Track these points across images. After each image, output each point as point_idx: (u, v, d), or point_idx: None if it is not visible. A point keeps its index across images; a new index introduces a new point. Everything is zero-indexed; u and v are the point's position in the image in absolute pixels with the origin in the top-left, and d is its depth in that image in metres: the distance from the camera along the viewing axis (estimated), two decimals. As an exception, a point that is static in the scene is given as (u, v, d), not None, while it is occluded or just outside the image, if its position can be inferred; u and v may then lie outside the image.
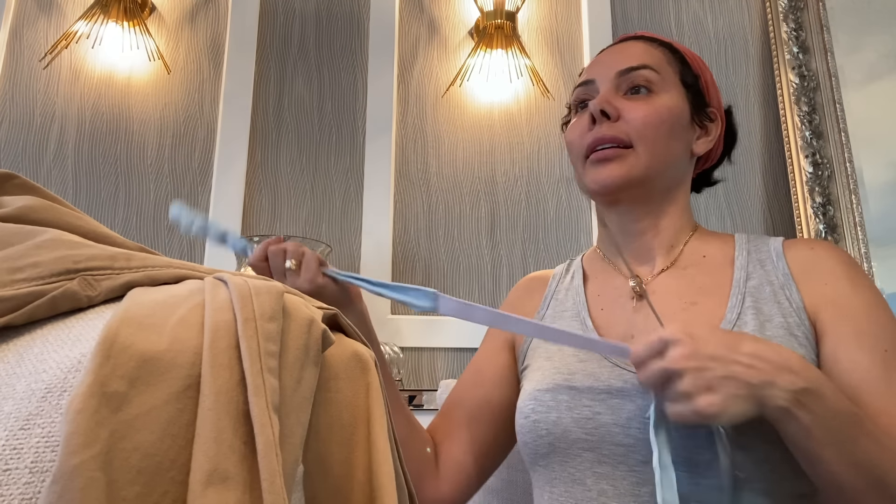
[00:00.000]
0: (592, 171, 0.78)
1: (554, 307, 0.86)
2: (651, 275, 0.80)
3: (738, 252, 0.78)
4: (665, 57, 0.81)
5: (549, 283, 0.90)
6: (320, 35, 1.81)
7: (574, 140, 0.80)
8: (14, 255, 0.37)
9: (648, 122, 0.76)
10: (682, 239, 0.81)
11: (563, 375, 0.75)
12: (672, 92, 0.79)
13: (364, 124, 1.75)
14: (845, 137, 1.65)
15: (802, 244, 0.77)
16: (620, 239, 0.83)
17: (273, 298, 0.34)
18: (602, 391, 0.71)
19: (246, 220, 1.68)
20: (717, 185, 0.91)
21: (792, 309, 0.71)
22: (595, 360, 0.74)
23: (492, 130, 1.77)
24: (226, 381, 0.30)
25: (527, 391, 0.78)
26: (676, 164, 0.80)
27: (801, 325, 0.70)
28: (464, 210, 1.72)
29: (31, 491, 0.27)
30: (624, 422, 0.68)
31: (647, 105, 0.77)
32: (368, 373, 0.37)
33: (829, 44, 1.73)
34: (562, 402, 0.72)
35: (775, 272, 0.74)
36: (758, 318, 0.70)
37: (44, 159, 1.67)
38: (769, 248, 0.78)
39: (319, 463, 0.34)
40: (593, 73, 0.82)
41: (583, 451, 0.70)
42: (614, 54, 0.82)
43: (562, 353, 0.78)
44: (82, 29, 1.67)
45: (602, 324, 0.79)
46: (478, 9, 1.77)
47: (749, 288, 0.74)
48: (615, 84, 0.79)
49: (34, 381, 0.31)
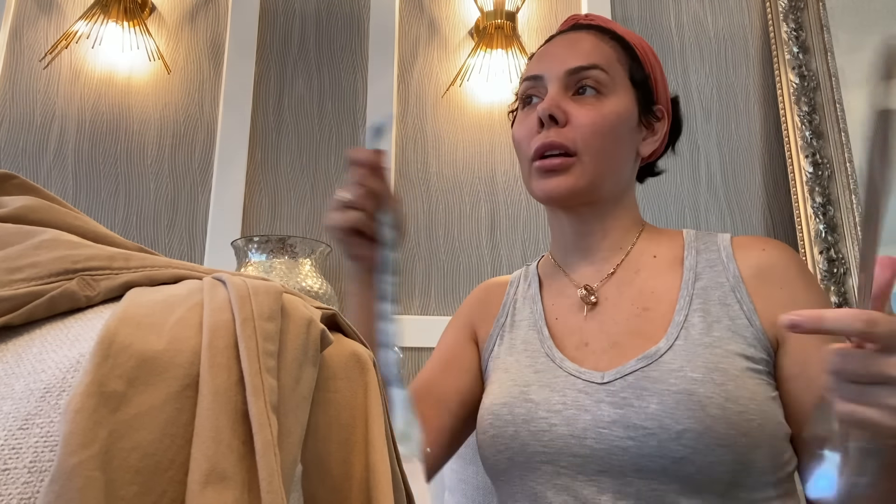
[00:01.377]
0: (539, 180, 0.78)
1: (512, 315, 0.86)
2: (600, 279, 0.80)
3: (688, 251, 0.78)
4: (615, 54, 0.80)
5: (508, 289, 0.90)
6: (320, 35, 1.81)
7: (521, 140, 0.80)
8: (13, 255, 0.37)
9: (596, 130, 0.75)
10: (630, 239, 0.81)
11: (520, 388, 0.75)
12: (620, 94, 0.78)
13: (364, 124, 1.75)
14: (845, 137, 1.65)
15: (753, 246, 0.76)
16: (570, 241, 0.83)
17: (271, 298, 0.34)
18: (557, 402, 0.71)
19: (246, 220, 1.68)
20: (717, 185, 0.91)
21: (742, 311, 0.71)
22: (550, 370, 0.75)
23: (492, 130, 1.77)
24: (224, 381, 0.30)
25: (485, 405, 0.78)
26: (622, 168, 0.80)
27: (751, 327, 0.70)
28: (464, 210, 1.72)
29: (30, 491, 0.27)
30: (580, 433, 0.68)
31: (595, 111, 0.76)
32: (367, 373, 0.37)
33: (829, 44, 1.73)
34: (518, 415, 0.72)
35: (725, 274, 0.74)
36: (705, 320, 0.71)
37: (44, 159, 1.67)
38: (718, 247, 0.77)
39: (318, 463, 0.34)
40: (542, 67, 0.80)
41: (541, 464, 0.70)
42: (564, 48, 0.80)
43: (518, 365, 0.78)
44: (82, 29, 1.67)
45: (557, 333, 0.79)
46: (478, 9, 1.77)
47: (697, 289, 0.74)
48: (564, 83, 0.78)
49: (33, 380, 0.31)
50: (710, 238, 0.79)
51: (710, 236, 0.80)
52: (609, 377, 0.71)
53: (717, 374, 0.66)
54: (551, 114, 0.75)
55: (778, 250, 0.75)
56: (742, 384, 0.66)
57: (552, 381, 0.73)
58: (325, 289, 1.48)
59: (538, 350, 0.78)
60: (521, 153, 0.81)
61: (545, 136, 0.76)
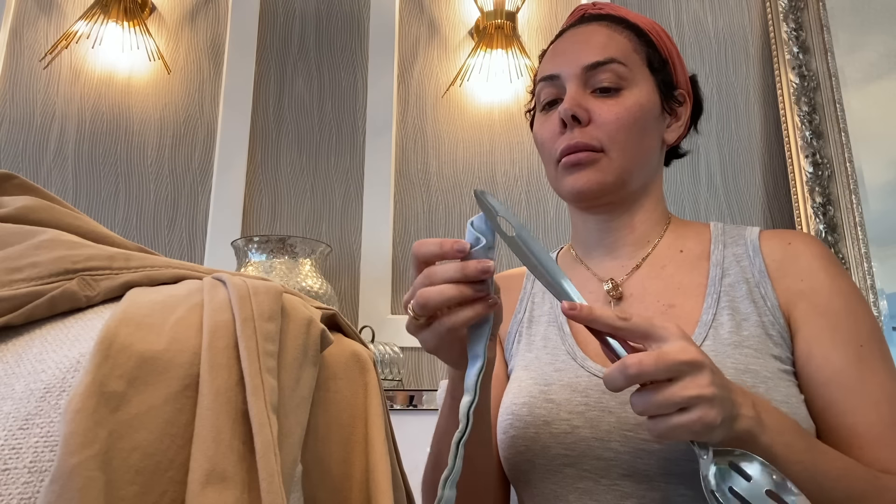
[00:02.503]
0: (566, 177, 0.75)
1: (531, 311, 0.83)
2: (625, 273, 0.77)
3: (714, 246, 0.76)
4: (631, 44, 0.77)
5: (524, 283, 0.87)
6: (320, 35, 1.81)
7: (545, 142, 0.78)
8: (13, 255, 0.37)
9: (621, 125, 0.73)
10: (658, 232, 0.79)
11: (540, 387, 0.72)
12: (641, 85, 0.76)
13: (364, 124, 1.75)
14: (845, 137, 1.65)
15: (779, 239, 0.74)
16: (594, 237, 0.81)
17: (272, 299, 0.34)
18: (580, 403, 0.69)
19: (246, 220, 1.68)
20: (717, 185, 0.90)
21: (767, 307, 0.69)
22: (571, 369, 0.72)
23: (492, 130, 1.77)
24: (224, 381, 0.30)
25: (505, 405, 0.75)
26: (649, 159, 0.78)
27: (776, 324, 0.69)
28: (464, 210, 1.72)
29: (30, 490, 0.27)
30: (604, 435, 0.66)
31: (617, 106, 0.74)
32: (367, 373, 0.37)
33: (829, 44, 1.73)
34: (539, 416, 0.70)
35: (751, 269, 0.73)
36: (734, 318, 0.69)
37: (44, 159, 1.67)
38: (746, 241, 0.75)
39: (318, 462, 0.34)
40: (558, 65, 0.77)
41: (563, 467, 0.68)
42: (578, 43, 0.78)
43: (538, 363, 0.76)
44: (82, 29, 1.67)
45: (579, 331, 0.76)
46: (478, 9, 1.77)
47: (725, 286, 0.72)
48: (582, 80, 0.75)
49: (33, 380, 0.31)
50: (738, 232, 0.77)
51: (739, 230, 0.78)
52: None
53: (747, 377, 0.64)
54: (574, 114, 0.73)
55: (804, 243, 0.73)
56: (774, 387, 0.64)
57: (574, 381, 0.71)
58: (325, 289, 1.48)
59: (559, 347, 0.76)
60: (546, 155, 0.79)
61: (570, 138, 0.74)
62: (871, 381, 0.64)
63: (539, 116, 0.81)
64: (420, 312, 0.57)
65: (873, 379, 0.64)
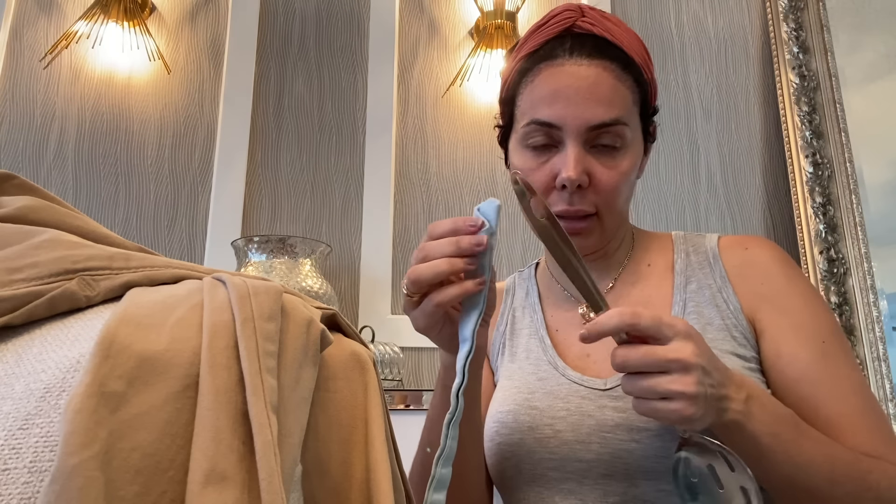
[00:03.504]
0: None
1: (512, 324, 0.86)
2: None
3: (677, 255, 0.79)
4: (632, 95, 0.73)
5: (504, 297, 0.90)
6: (320, 35, 1.81)
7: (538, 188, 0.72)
8: (13, 255, 0.37)
9: (617, 191, 0.73)
10: (626, 251, 0.82)
11: (524, 395, 0.76)
12: (636, 140, 0.74)
13: (364, 124, 1.75)
14: (845, 137, 1.65)
15: (737, 245, 0.78)
16: None
17: (271, 298, 0.34)
18: (561, 409, 0.72)
19: (246, 220, 1.68)
20: (717, 185, 0.91)
21: (729, 311, 0.73)
22: (553, 377, 0.76)
23: (491, 130, 1.77)
24: (224, 381, 0.30)
25: (490, 413, 0.79)
26: (628, 204, 0.78)
27: (739, 326, 0.72)
28: (464, 210, 1.72)
29: (30, 490, 0.27)
30: (584, 437, 0.69)
31: (615, 170, 0.72)
32: (367, 373, 0.37)
33: (829, 44, 1.73)
34: (523, 423, 0.73)
35: (713, 275, 0.76)
36: (699, 322, 0.72)
37: (44, 159, 1.67)
38: (706, 248, 0.78)
39: (318, 463, 0.34)
40: (560, 116, 0.70)
41: (548, 471, 0.71)
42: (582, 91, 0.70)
43: (521, 372, 0.79)
44: (82, 29, 1.67)
45: (558, 342, 0.80)
46: (478, 9, 1.77)
47: (689, 292, 0.75)
48: (585, 139, 0.70)
49: (33, 380, 0.31)
50: (698, 240, 0.80)
51: (699, 238, 0.81)
52: (611, 383, 0.72)
53: None
54: (580, 184, 0.70)
55: (760, 248, 0.76)
56: None
57: (555, 389, 0.74)
58: (325, 289, 1.48)
59: (541, 358, 0.79)
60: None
61: (568, 202, 0.71)
62: (837, 375, 0.68)
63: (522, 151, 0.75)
64: (412, 289, 0.60)
65: (839, 372, 0.68)
